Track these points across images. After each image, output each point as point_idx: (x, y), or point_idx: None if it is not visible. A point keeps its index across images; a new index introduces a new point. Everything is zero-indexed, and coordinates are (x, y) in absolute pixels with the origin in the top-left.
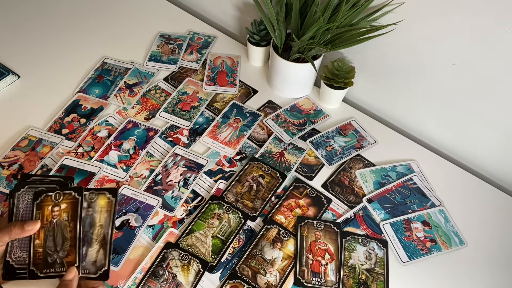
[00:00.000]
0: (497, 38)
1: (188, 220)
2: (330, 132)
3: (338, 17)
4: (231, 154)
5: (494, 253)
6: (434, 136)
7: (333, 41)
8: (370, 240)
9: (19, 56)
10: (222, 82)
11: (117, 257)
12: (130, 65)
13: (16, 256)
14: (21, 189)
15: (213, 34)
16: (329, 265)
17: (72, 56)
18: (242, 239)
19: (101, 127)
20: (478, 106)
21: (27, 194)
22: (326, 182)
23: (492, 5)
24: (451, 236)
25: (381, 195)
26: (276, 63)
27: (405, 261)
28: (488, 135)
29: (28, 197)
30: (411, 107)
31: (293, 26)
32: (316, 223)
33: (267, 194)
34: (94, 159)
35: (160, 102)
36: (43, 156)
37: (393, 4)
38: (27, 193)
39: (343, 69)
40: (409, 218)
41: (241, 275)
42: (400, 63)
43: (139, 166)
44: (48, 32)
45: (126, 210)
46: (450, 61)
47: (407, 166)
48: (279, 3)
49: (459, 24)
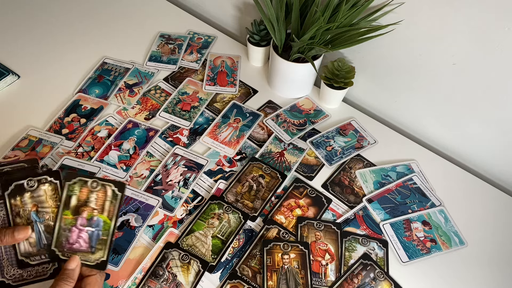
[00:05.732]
0: (497, 38)
1: (188, 220)
2: (330, 132)
3: (338, 17)
4: (231, 154)
5: (494, 253)
6: (434, 136)
7: (333, 41)
8: (370, 240)
9: (19, 56)
10: (222, 82)
11: (117, 257)
12: (130, 65)
13: (10, 274)
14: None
15: (213, 34)
16: (329, 265)
17: (72, 56)
18: (242, 239)
19: (101, 127)
20: (478, 106)
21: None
22: (326, 182)
23: (492, 5)
24: (451, 236)
25: (381, 195)
26: (276, 63)
27: (405, 261)
28: (488, 135)
29: None
30: (411, 107)
31: (293, 26)
32: (316, 224)
33: (267, 194)
34: (94, 159)
35: (160, 102)
36: (43, 156)
37: (393, 4)
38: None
39: (343, 69)
40: (409, 218)
41: (241, 275)
42: (400, 63)
43: (139, 166)
44: (48, 32)
45: (126, 210)
46: (450, 61)
47: (407, 166)
48: (279, 3)
49: (459, 24)
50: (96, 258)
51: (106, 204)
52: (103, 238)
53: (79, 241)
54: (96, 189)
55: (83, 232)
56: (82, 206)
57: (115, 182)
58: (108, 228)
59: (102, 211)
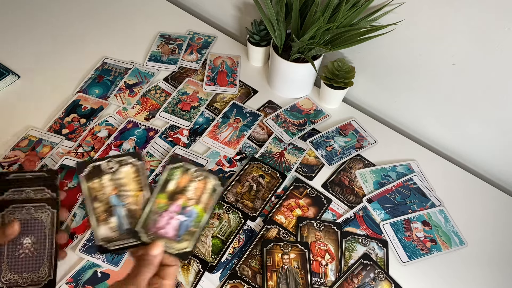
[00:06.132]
0: (497, 38)
1: None
2: (330, 132)
3: (338, 17)
4: (231, 154)
5: (494, 253)
6: (434, 136)
7: (333, 41)
8: (370, 240)
9: (19, 56)
10: (222, 82)
11: (117, 257)
12: (130, 65)
13: (6, 278)
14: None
15: (213, 34)
16: (329, 265)
17: (72, 56)
18: (242, 239)
19: (101, 127)
20: (478, 106)
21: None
22: (326, 182)
23: (492, 5)
24: (451, 236)
25: (381, 195)
26: (276, 63)
27: (405, 261)
28: (488, 135)
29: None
30: (411, 107)
31: (293, 26)
32: (316, 224)
33: (267, 194)
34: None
35: (160, 102)
36: (43, 156)
37: (393, 4)
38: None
39: (343, 69)
40: (409, 218)
41: (241, 275)
42: (400, 63)
43: None
44: (48, 32)
45: None
46: (450, 61)
47: (407, 166)
48: (279, 3)
49: (459, 24)
50: (180, 248)
51: (204, 196)
52: (192, 230)
53: (167, 227)
54: (197, 179)
55: (173, 219)
56: (178, 193)
57: (219, 177)
58: (200, 220)
59: (198, 202)
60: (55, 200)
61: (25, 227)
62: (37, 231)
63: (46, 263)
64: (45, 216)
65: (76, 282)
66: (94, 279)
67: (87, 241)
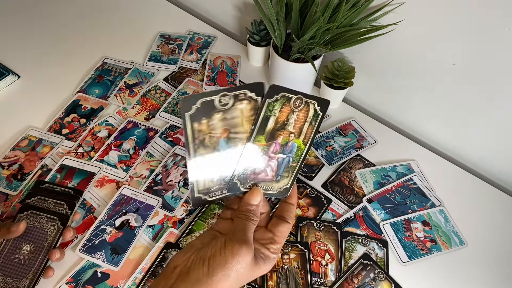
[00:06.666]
0: (497, 38)
1: (188, 220)
2: (330, 132)
3: (338, 17)
4: None
5: (494, 253)
6: (434, 136)
7: (333, 41)
8: (370, 240)
9: (19, 56)
10: (222, 82)
11: (117, 257)
12: (130, 65)
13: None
14: (32, 198)
15: (213, 34)
16: (329, 265)
17: (72, 56)
18: None
19: (101, 127)
20: (478, 106)
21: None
22: (326, 182)
23: (492, 5)
24: (451, 236)
25: (381, 195)
26: (276, 63)
27: (405, 261)
28: (488, 135)
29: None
30: (411, 107)
31: (293, 26)
32: (316, 224)
33: None
34: (94, 159)
35: (160, 102)
36: (43, 156)
37: (393, 4)
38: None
39: (343, 69)
40: (409, 218)
41: None
42: (400, 63)
43: (139, 166)
44: (48, 32)
45: (126, 210)
46: (450, 61)
47: (407, 166)
48: (279, 3)
49: (459, 24)
50: (280, 187)
51: (304, 126)
52: (292, 165)
53: (266, 170)
54: (299, 108)
55: (273, 160)
56: (279, 130)
57: (319, 99)
58: (300, 154)
59: (299, 135)
60: (67, 217)
61: (30, 234)
62: (38, 241)
63: (30, 275)
64: (51, 229)
65: (76, 282)
66: (94, 279)
67: (87, 241)
